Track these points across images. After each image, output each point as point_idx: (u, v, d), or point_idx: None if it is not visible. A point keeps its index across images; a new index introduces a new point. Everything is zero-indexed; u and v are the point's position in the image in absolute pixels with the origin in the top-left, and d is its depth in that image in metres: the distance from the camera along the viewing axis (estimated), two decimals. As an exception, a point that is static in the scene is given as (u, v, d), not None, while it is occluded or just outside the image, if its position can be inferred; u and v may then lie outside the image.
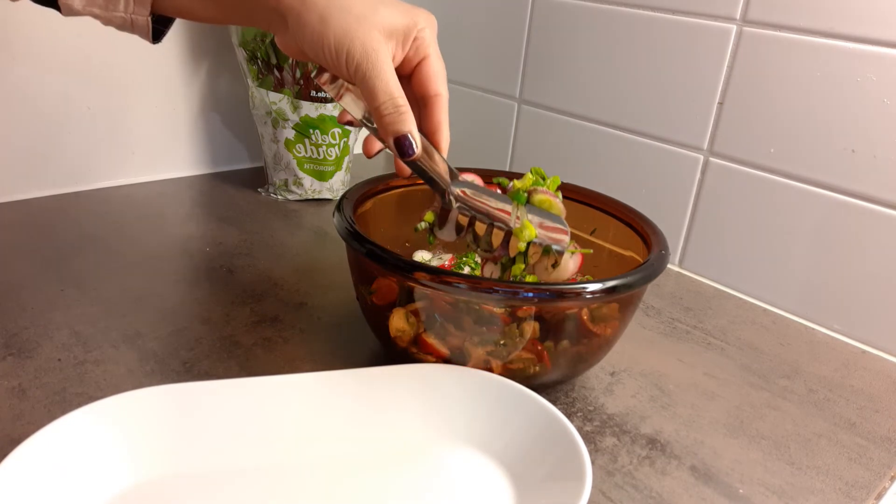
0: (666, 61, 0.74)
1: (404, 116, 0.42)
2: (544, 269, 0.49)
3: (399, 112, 0.42)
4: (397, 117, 0.42)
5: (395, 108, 0.41)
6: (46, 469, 0.37)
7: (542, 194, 0.51)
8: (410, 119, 0.42)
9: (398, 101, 0.41)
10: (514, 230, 0.47)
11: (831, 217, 0.65)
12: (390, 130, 0.42)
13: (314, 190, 0.86)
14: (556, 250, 0.48)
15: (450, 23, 0.95)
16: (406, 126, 0.42)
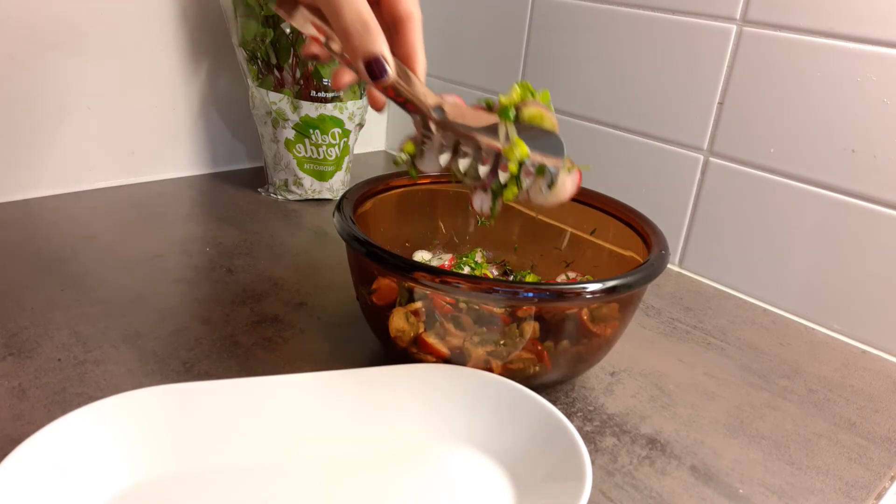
0: (666, 61, 0.74)
1: (374, 35, 0.39)
2: (539, 192, 0.45)
3: (368, 30, 0.39)
4: (366, 37, 0.39)
5: (364, 26, 0.38)
6: (46, 469, 0.37)
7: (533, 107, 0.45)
8: (381, 38, 0.39)
9: (365, 17, 0.38)
10: (503, 150, 0.43)
11: (831, 217, 0.65)
12: (359, 52, 0.39)
13: (314, 190, 0.86)
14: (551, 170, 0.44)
15: (450, 23, 0.95)
16: (377, 46, 0.39)
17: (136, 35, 0.81)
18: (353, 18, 0.38)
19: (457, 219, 0.67)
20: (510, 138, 0.44)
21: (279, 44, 0.78)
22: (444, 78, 0.98)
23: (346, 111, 0.82)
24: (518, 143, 0.43)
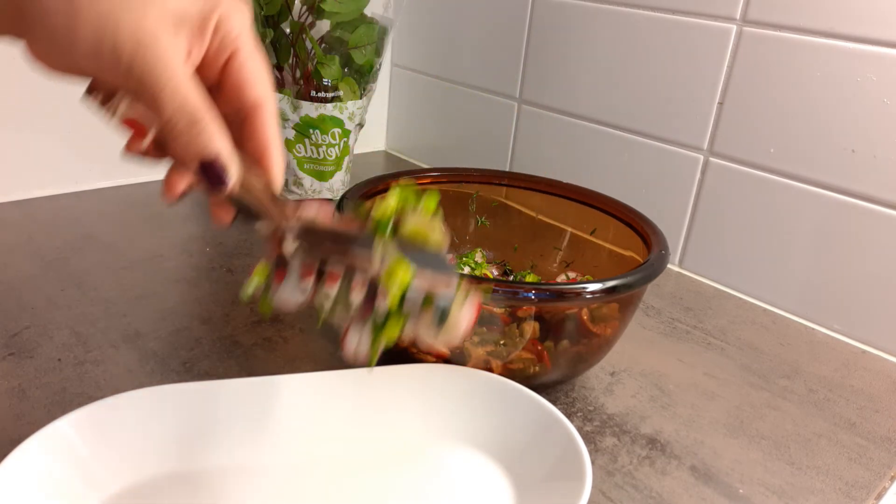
0: (666, 61, 0.74)
1: (207, 130, 0.30)
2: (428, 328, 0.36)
3: (198, 125, 0.30)
4: (197, 133, 0.30)
5: (193, 121, 0.30)
6: (46, 469, 0.37)
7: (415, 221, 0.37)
8: (216, 133, 0.31)
9: (193, 107, 0.30)
10: (380, 276, 0.35)
11: (831, 217, 0.65)
12: (190, 152, 0.31)
13: (314, 190, 0.86)
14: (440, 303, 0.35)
15: (450, 23, 0.96)
16: (212, 144, 0.31)
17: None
18: (178, 109, 0.30)
19: (457, 219, 0.67)
20: (388, 261, 0.35)
21: (279, 44, 0.78)
22: (444, 78, 0.98)
23: (346, 111, 0.82)
24: (398, 268, 0.35)
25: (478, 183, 0.65)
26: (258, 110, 0.34)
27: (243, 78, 0.33)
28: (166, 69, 0.29)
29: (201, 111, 0.30)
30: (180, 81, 0.29)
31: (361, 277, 0.35)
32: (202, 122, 0.30)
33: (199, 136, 0.30)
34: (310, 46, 0.78)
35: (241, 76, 0.33)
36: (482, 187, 0.65)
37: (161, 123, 0.30)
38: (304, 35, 0.77)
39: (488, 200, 0.66)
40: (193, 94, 0.30)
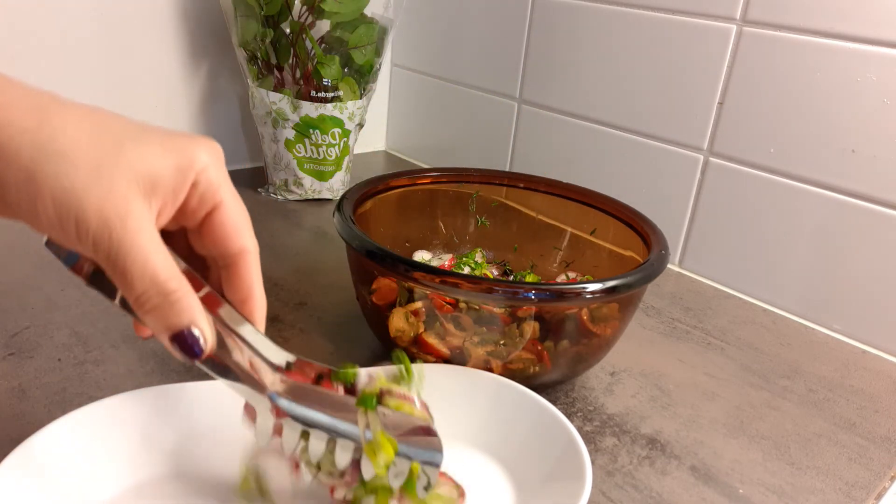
0: (666, 61, 0.74)
1: (179, 304, 0.29)
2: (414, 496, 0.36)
3: (169, 299, 0.29)
4: (168, 307, 0.29)
5: (164, 295, 0.29)
6: (46, 469, 0.37)
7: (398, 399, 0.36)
8: (189, 305, 0.30)
9: (165, 283, 0.29)
10: (364, 449, 0.35)
11: (831, 217, 0.65)
12: (160, 326, 0.30)
13: (314, 190, 0.86)
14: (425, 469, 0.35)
15: (450, 23, 0.96)
16: (183, 317, 0.30)
17: (136, 35, 0.81)
18: (148, 285, 0.29)
19: (457, 219, 0.67)
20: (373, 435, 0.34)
21: (279, 44, 0.78)
22: (444, 78, 0.98)
23: (346, 111, 0.82)
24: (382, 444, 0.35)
25: (478, 183, 0.65)
26: (241, 258, 0.33)
27: (226, 231, 0.32)
28: (133, 246, 0.28)
29: (172, 284, 0.29)
30: (149, 256, 0.29)
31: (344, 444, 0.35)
32: (173, 296, 0.29)
33: (170, 310, 0.29)
34: (310, 46, 0.78)
35: (223, 229, 0.32)
36: (482, 187, 0.65)
37: (129, 297, 0.29)
38: (304, 35, 0.77)
39: (488, 200, 0.66)
40: (164, 266, 0.29)
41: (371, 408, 0.35)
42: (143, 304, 0.29)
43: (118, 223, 0.28)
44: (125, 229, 0.28)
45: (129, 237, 0.28)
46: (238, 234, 0.33)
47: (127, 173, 0.28)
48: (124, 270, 0.28)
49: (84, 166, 0.28)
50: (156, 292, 0.29)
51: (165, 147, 0.30)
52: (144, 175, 0.29)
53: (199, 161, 0.31)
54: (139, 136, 0.30)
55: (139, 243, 0.28)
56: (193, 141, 0.31)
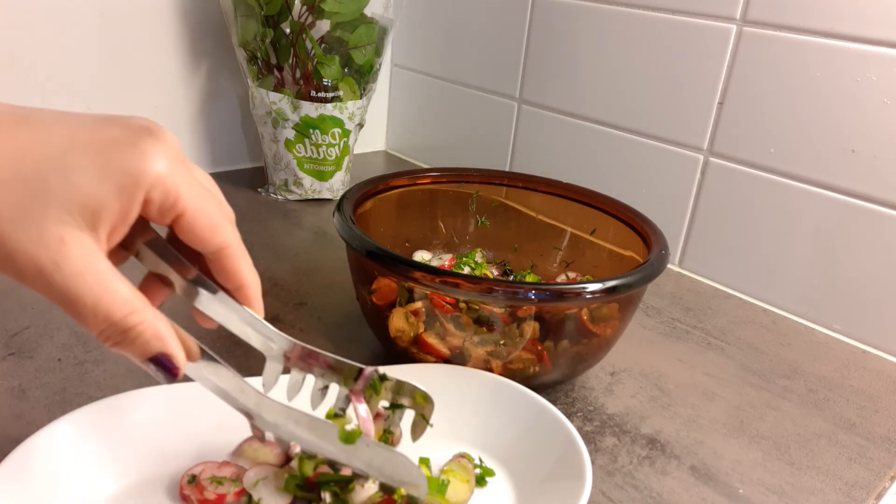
0: (666, 61, 0.74)
1: (143, 337, 0.29)
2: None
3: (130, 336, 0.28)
4: (131, 340, 0.28)
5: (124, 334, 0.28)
6: (46, 469, 0.37)
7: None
8: (153, 335, 0.29)
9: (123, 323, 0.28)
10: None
11: (831, 217, 0.65)
12: (130, 354, 0.29)
13: (314, 190, 0.86)
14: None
15: (450, 23, 0.96)
16: (148, 347, 0.29)
17: (136, 35, 0.81)
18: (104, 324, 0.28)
19: (457, 219, 0.67)
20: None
21: (279, 44, 0.78)
22: (444, 78, 0.98)
23: (346, 111, 0.82)
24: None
25: (478, 183, 0.65)
26: (221, 254, 0.32)
27: (197, 234, 0.30)
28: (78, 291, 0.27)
29: (130, 320, 0.28)
30: (98, 298, 0.27)
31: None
32: (133, 332, 0.28)
33: (133, 343, 0.29)
34: (310, 46, 0.78)
35: (193, 233, 0.30)
36: (482, 187, 0.65)
37: (90, 330, 0.28)
38: (304, 35, 0.77)
39: (488, 200, 0.66)
40: (117, 303, 0.28)
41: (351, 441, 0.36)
42: (107, 341, 0.29)
43: (55, 271, 0.26)
44: (64, 276, 0.26)
45: (72, 283, 0.27)
46: (212, 234, 0.31)
47: (57, 212, 0.26)
48: (77, 313, 0.27)
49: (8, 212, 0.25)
50: (114, 331, 0.28)
51: (102, 168, 0.26)
52: (80, 207, 0.26)
53: (145, 177, 0.27)
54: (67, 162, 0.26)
55: (83, 286, 0.27)
56: (137, 150, 0.27)
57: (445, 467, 0.42)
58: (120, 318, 0.28)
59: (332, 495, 0.37)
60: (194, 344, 0.33)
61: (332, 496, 0.38)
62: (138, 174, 0.27)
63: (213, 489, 0.38)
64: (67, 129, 0.27)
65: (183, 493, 0.38)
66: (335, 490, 0.38)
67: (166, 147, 0.28)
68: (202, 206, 0.30)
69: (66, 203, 0.26)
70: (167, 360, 0.30)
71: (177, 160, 0.29)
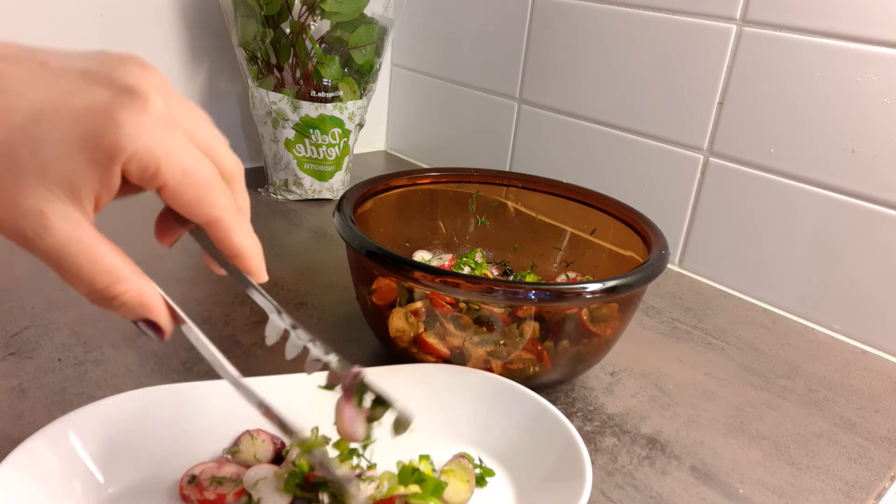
0: (666, 61, 0.74)
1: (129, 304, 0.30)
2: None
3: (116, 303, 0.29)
4: (118, 305, 0.29)
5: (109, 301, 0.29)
6: (46, 469, 0.37)
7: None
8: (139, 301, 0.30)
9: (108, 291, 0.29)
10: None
11: (831, 217, 0.65)
12: (119, 314, 0.30)
13: (314, 190, 0.86)
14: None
15: (450, 23, 0.96)
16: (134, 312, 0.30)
17: (136, 35, 0.81)
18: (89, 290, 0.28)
19: (457, 219, 0.67)
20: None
21: (279, 44, 0.78)
22: (444, 78, 0.98)
23: (346, 111, 0.82)
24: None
25: (478, 183, 0.65)
26: (211, 226, 0.31)
27: (181, 207, 0.30)
28: (63, 259, 0.27)
29: (115, 289, 0.29)
30: (81, 267, 0.27)
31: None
32: (119, 300, 0.29)
33: (118, 309, 0.29)
34: (310, 46, 0.78)
35: (178, 205, 0.30)
36: (482, 187, 0.65)
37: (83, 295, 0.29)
38: (304, 35, 0.77)
39: (488, 200, 0.66)
40: (102, 271, 0.28)
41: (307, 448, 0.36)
42: (95, 303, 0.29)
43: (37, 240, 0.26)
44: (46, 245, 0.26)
45: (54, 252, 0.27)
46: (197, 207, 0.30)
47: (34, 187, 0.26)
48: (66, 278, 0.28)
49: None
50: (98, 298, 0.28)
51: (73, 141, 0.26)
52: (57, 182, 0.26)
53: (119, 152, 0.26)
54: (38, 133, 0.25)
55: (66, 256, 0.27)
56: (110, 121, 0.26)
57: (445, 467, 0.42)
58: (103, 288, 0.28)
59: (330, 496, 0.37)
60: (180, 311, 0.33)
61: (331, 497, 0.38)
62: (111, 149, 0.26)
63: (213, 489, 0.38)
64: (42, 93, 0.26)
65: (183, 494, 0.38)
66: (333, 491, 0.38)
67: (147, 113, 0.27)
68: (185, 180, 0.28)
69: (41, 178, 0.26)
70: (151, 326, 0.31)
71: (160, 126, 0.27)
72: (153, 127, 0.27)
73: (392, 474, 0.40)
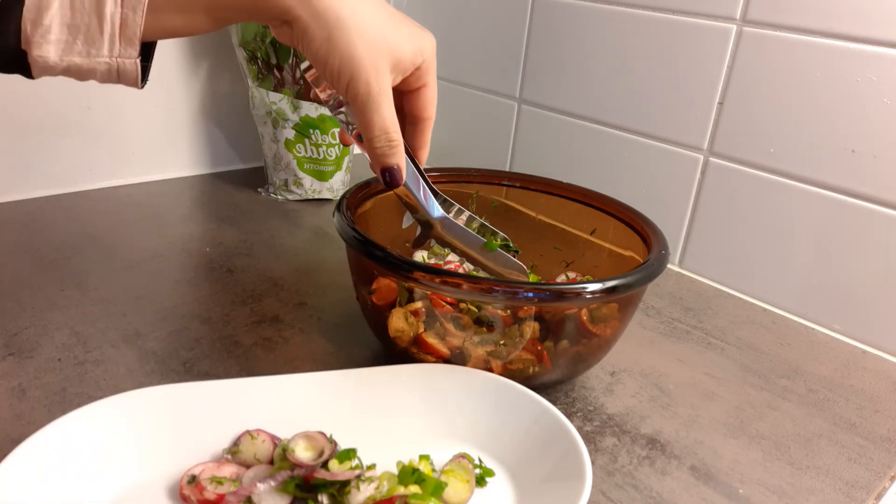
0: (666, 61, 0.74)
1: (396, 150, 0.42)
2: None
3: (391, 146, 0.42)
4: (389, 151, 0.42)
5: (388, 143, 0.42)
6: (46, 469, 0.37)
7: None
8: (401, 152, 0.43)
9: (392, 136, 0.42)
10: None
11: (831, 217, 0.65)
12: (380, 162, 0.43)
13: (314, 190, 0.86)
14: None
15: (450, 23, 0.95)
16: (395, 159, 0.43)
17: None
18: (380, 134, 0.41)
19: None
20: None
21: (279, 44, 0.78)
22: (444, 78, 0.98)
23: (346, 111, 0.82)
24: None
25: (478, 183, 0.65)
26: (426, 123, 0.47)
27: (426, 101, 0.46)
28: (381, 106, 0.40)
29: (396, 136, 0.42)
30: (386, 115, 0.41)
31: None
32: (394, 143, 0.42)
33: (389, 153, 0.42)
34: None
35: (424, 100, 0.45)
36: (482, 187, 0.65)
37: (365, 137, 0.42)
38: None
39: (488, 200, 0.66)
40: (392, 121, 0.41)
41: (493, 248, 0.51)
42: (374, 144, 0.42)
43: (375, 89, 0.40)
44: (378, 94, 0.40)
45: (379, 100, 0.40)
46: (431, 106, 0.46)
47: (387, 55, 0.40)
48: (369, 121, 0.41)
49: (364, 45, 0.39)
50: (385, 140, 0.42)
51: (409, 36, 0.42)
52: (395, 56, 0.41)
53: (426, 51, 0.43)
54: (396, 27, 0.41)
55: (383, 104, 0.40)
56: (424, 35, 0.43)
57: (445, 467, 0.42)
58: (391, 132, 0.42)
59: (329, 497, 0.37)
60: None
61: (330, 498, 0.38)
62: (423, 48, 0.43)
63: (213, 489, 0.38)
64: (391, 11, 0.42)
65: (183, 493, 0.38)
66: (332, 492, 0.38)
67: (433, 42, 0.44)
68: (435, 87, 0.46)
69: (391, 53, 0.41)
70: (398, 174, 0.44)
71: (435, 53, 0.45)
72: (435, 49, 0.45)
73: (392, 474, 0.40)
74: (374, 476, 0.39)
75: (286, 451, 0.39)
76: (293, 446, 0.40)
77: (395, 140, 0.42)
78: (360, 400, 0.45)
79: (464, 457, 0.42)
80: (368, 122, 0.41)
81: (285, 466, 0.39)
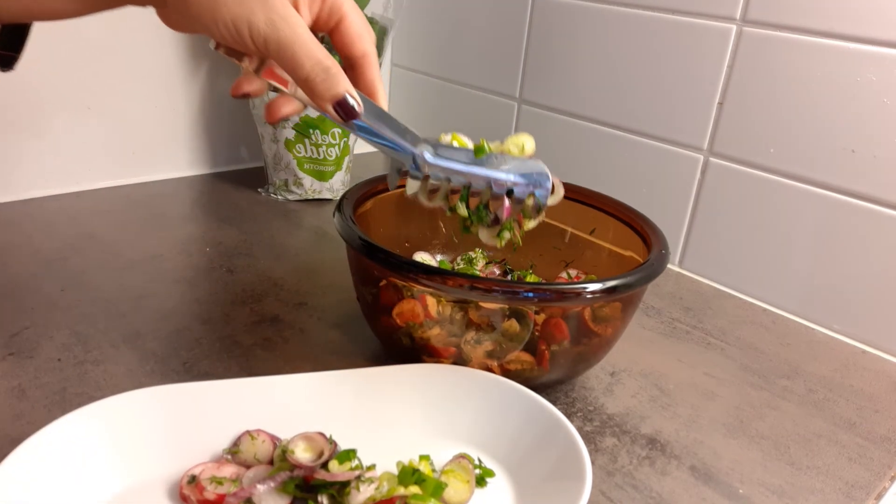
0: (666, 61, 0.74)
1: (337, 77, 0.38)
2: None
3: (330, 74, 0.38)
4: (330, 80, 0.38)
5: (326, 71, 0.38)
6: (46, 469, 0.37)
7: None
8: (344, 77, 0.39)
9: (325, 62, 0.38)
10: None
11: (831, 217, 0.65)
12: (328, 96, 0.39)
13: (314, 190, 0.86)
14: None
15: (450, 23, 0.95)
16: (342, 86, 0.39)
17: (136, 35, 0.81)
18: (314, 65, 0.37)
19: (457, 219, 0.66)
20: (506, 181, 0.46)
21: (279, 44, 0.78)
22: (444, 78, 0.98)
23: (346, 111, 0.82)
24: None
25: (478, 183, 0.65)
26: (365, 59, 0.42)
27: (352, 36, 0.41)
28: (298, 37, 0.36)
29: (331, 64, 0.38)
30: (310, 43, 0.37)
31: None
32: (332, 71, 0.38)
33: (332, 82, 0.38)
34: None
35: (349, 35, 0.41)
36: (482, 187, 0.65)
37: (300, 80, 0.38)
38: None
39: (488, 200, 0.66)
40: (322, 51, 0.37)
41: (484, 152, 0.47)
42: (313, 80, 0.38)
43: (281, 22, 0.36)
44: (288, 26, 0.36)
45: (295, 31, 0.36)
46: (361, 40, 0.41)
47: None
48: (293, 57, 0.37)
49: None
50: (320, 69, 0.37)
51: None
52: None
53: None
54: None
55: (302, 36, 0.36)
56: None
57: (445, 467, 0.42)
58: (323, 59, 0.37)
59: (329, 498, 0.37)
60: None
61: (330, 498, 0.38)
62: None
63: (213, 489, 0.38)
64: None
65: (183, 494, 0.38)
66: (332, 493, 0.38)
67: None
68: (357, 18, 0.41)
69: None
70: (352, 101, 0.39)
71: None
72: None
73: (392, 475, 0.40)
74: (374, 476, 0.39)
75: (286, 453, 0.39)
76: (293, 447, 0.40)
77: (330, 66, 0.38)
78: (360, 400, 0.45)
79: (464, 457, 0.42)
80: (292, 59, 0.37)
81: (285, 467, 0.39)
